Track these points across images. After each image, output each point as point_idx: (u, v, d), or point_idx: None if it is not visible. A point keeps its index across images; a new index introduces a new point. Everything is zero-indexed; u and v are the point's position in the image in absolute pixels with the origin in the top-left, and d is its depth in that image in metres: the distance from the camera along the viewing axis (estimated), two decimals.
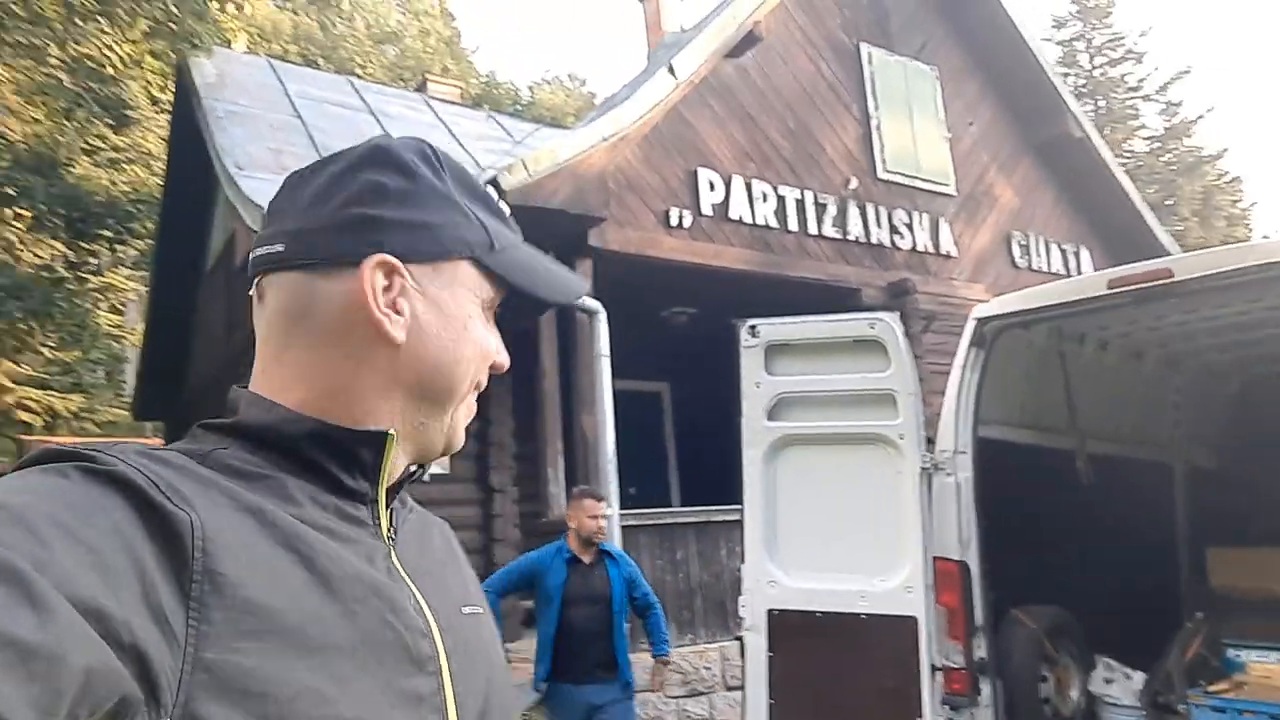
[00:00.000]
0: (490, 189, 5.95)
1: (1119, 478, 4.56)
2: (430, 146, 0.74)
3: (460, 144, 10.15)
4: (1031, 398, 4.37)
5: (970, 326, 3.92)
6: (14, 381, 10.63)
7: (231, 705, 0.52)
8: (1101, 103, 23.68)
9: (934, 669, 3.57)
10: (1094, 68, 24.24)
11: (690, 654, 6.37)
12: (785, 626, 3.72)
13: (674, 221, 7.04)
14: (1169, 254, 10.14)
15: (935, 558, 3.68)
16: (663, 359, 8.86)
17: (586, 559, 4.14)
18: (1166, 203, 21.72)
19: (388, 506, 0.70)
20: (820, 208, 8.00)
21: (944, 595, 3.68)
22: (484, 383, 0.75)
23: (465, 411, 0.74)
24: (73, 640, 0.44)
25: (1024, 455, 4.23)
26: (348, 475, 0.66)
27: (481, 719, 0.69)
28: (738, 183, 7.52)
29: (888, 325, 3.82)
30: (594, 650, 4.03)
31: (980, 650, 3.66)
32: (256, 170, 7.33)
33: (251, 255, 0.70)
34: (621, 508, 5.93)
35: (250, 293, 0.70)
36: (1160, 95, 23.70)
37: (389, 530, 0.69)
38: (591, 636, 4.03)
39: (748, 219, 7.48)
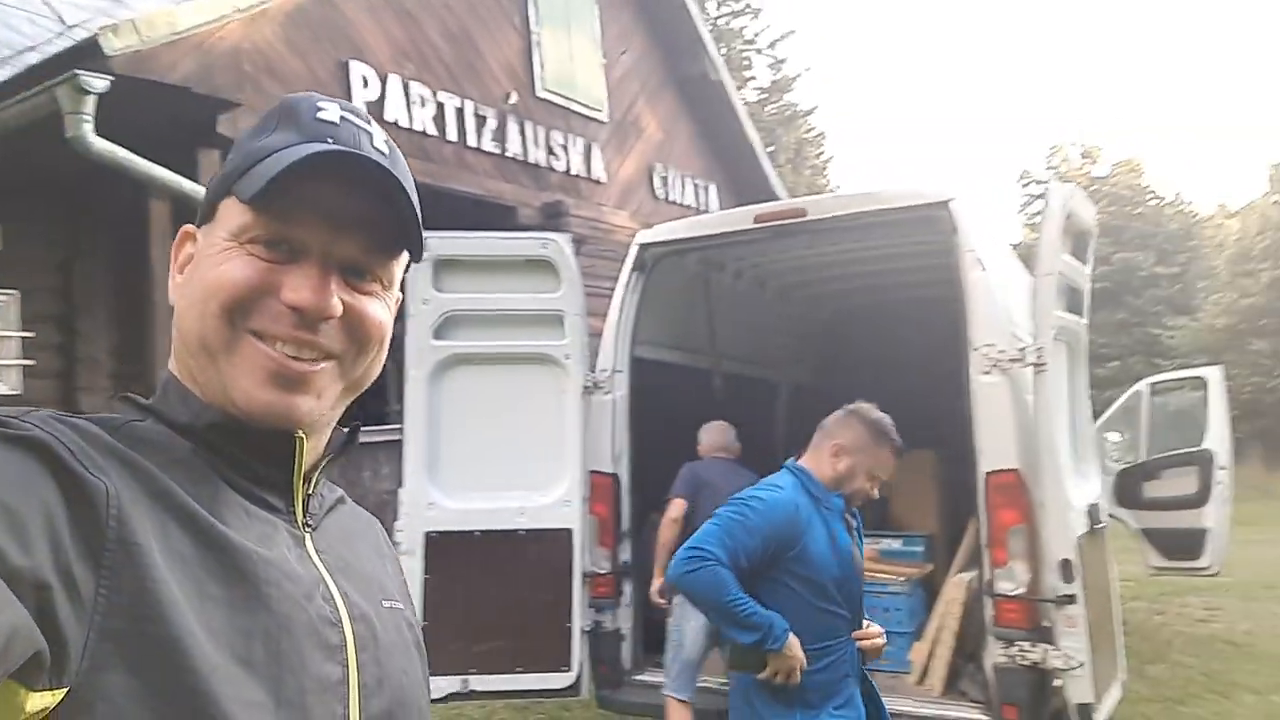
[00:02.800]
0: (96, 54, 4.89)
1: (743, 394, 5.17)
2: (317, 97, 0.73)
3: None
4: (681, 321, 4.74)
5: (634, 251, 4.11)
6: None
7: (136, 677, 0.51)
8: (724, 50, 25.85)
9: (585, 576, 3.80)
10: (719, 16, 26.31)
11: None
12: (442, 549, 3.68)
13: None
14: (779, 196, 11.51)
15: (591, 471, 3.88)
16: None
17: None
18: (769, 149, 24.54)
19: (308, 492, 0.72)
20: (480, 120, 7.78)
21: (596, 506, 3.90)
22: (269, 328, 0.67)
23: (251, 364, 0.67)
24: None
25: (672, 373, 4.60)
26: (259, 462, 0.68)
27: (389, 716, 0.69)
28: (394, 82, 7.02)
29: (559, 246, 3.87)
30: (860, 668, 2.44)
31: (625, 554, 3.97)
32: None
33: None
34: None
35: None
36: (770, 51, 26.50)
37: (304, 517, 0.71)
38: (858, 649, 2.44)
39: (405, 123, 7.03)
